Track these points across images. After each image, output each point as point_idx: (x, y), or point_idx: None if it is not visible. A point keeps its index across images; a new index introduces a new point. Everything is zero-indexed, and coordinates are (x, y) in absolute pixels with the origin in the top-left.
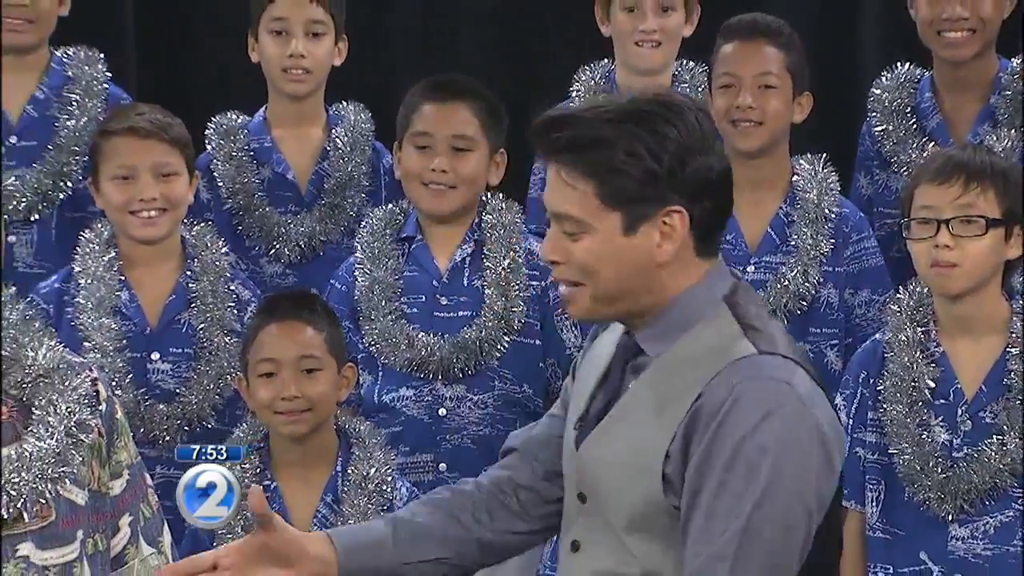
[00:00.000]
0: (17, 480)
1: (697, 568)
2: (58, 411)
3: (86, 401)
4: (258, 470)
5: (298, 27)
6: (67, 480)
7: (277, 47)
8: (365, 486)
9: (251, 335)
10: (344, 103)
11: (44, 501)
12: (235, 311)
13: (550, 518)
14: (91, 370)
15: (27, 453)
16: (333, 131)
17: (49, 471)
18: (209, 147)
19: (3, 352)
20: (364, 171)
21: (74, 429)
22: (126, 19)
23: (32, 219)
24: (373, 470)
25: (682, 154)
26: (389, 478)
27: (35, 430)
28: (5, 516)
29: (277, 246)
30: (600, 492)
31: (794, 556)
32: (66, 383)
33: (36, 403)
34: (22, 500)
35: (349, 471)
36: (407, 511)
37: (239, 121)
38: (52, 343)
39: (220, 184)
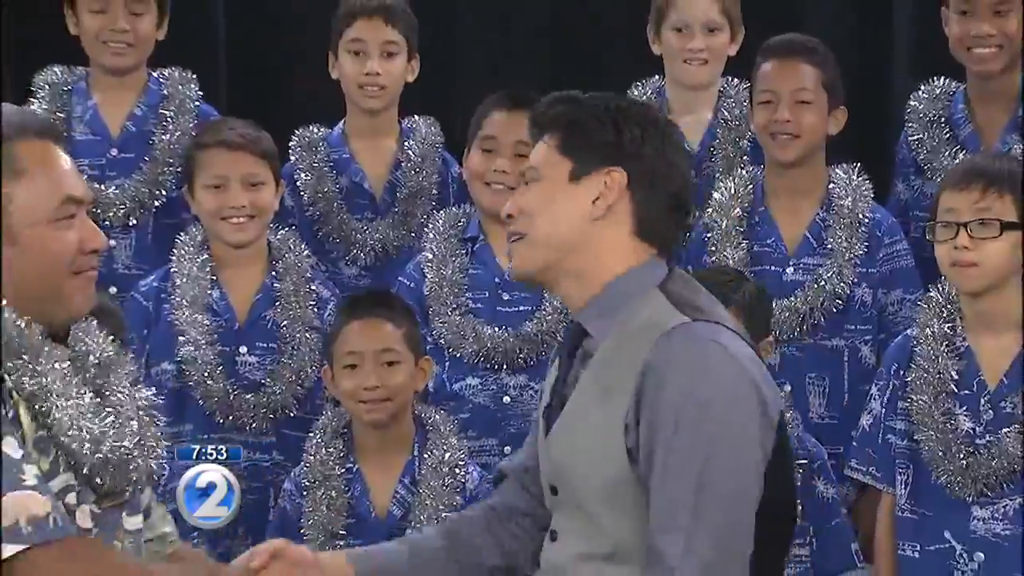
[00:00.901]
0: (138, 451)
1: (659, 524)
2: (127, 393)
3: (138, 386)
4: (342, 454)
5: (374, 47)
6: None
7: (355, 66)
8: (440, 470)
9: (336, 330)
10: (416, 117)
11: (147, 472)
12: (315, 309)
13: None
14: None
15: (130, 428)
16: (406, 143)
17: (146, 444)
18: (292, 158)
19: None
20: (434, 180)
21: (148, 410)
22: (218, 42)
23: (130, 224)
24: (448, 455)
25: (641, 137)
26: (462, 462)
27: (117, 409)
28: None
29: (354, 250)
30: (571, 479)
31: (750, 502)
32: (122, 367)
33: (106, 387)
34: (139, 470)
35: (425, 456)
36: (424, 536)
37: (319, 134)
38: (103, 334)
39: (302, 192)
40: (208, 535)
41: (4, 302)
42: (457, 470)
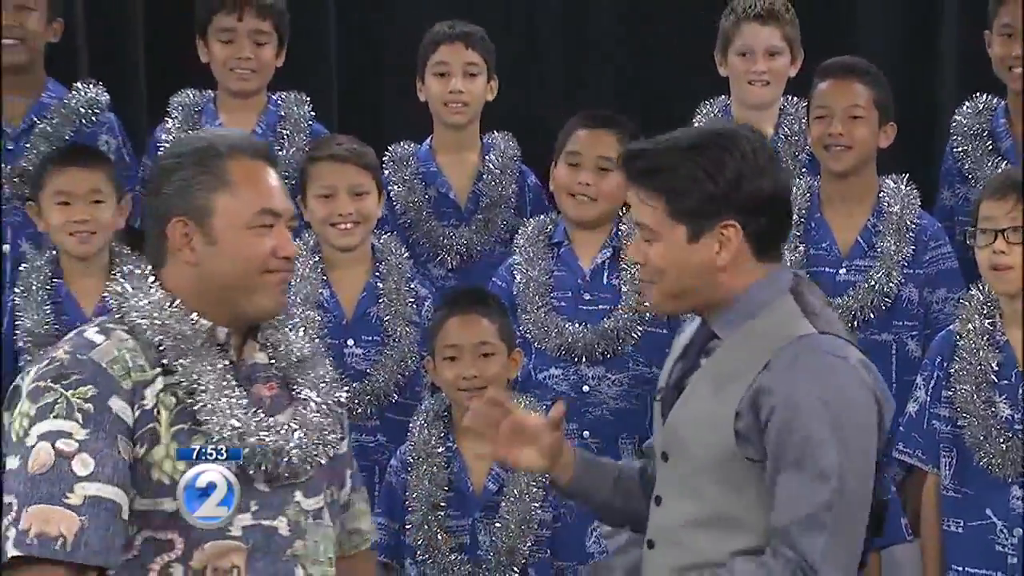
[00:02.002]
0: (298, 442)
1: (796, 519)
2: (318, 390)
3: (334, 384)
4: (442, 435)
5: (457, 68)
6: (331, 445)
7: (440, 86)
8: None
9: (437, 325)
10: (495, 132)
11: (315, 461)
12: (414, 306)
13: None
14: (327, 357)
15: (308, 420)
16: (487, 157)
17: (319, 437)
18: (386, 172)
19: (268, 339)
20: (512, 190)
21: (333, 406)
22: (331, 68)
23: None
24: None
25: (736, 177)
26: None
27: (303, 405)
28: (289, 471)
29: (441, 254)
30: (682, 447)
31: (868, 505)
32: (317, 367)
33: (298, 383)
34: (305, 458)
35: None
36: (628, 465)
37: (409, 149)
38: (304, 335)
39: (395, 203)
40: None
41: (177, 301)
42: None
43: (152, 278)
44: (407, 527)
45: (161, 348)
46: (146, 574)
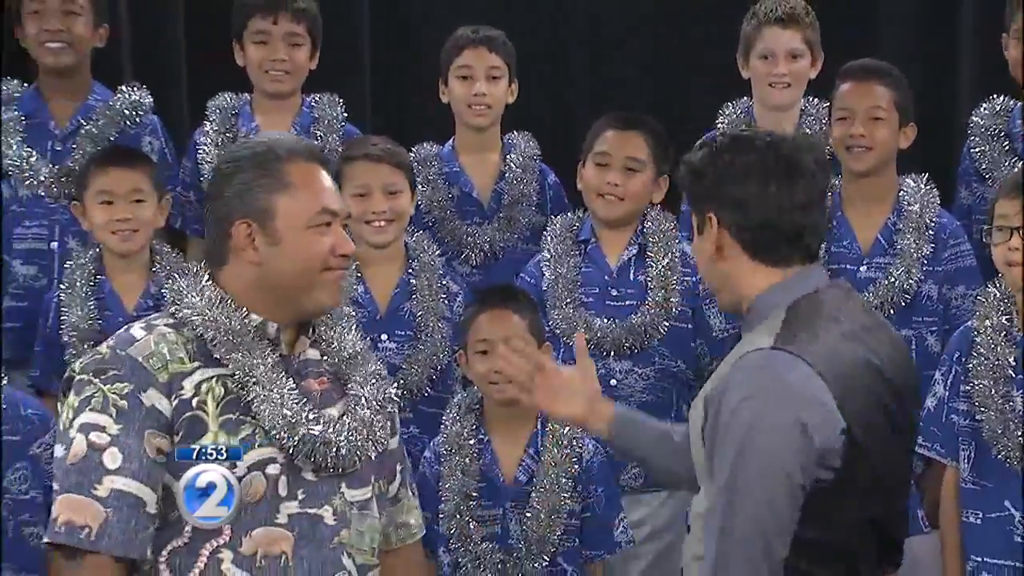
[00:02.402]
0: (347, 435)
1: (707, 520)
2: (368, 386)
3: (384, 381)
4: (474, 427)
5: (480, 72)
6: (379, 440)
7: (463, 89)
8: (560, 442)
9: (469, 320)
10: (515, 133)
11: (364, 454)
12: (446, 301)
13: None
14: (375, 357)
15: (358, 415)
16: (508, 156)
17: (368, 432)
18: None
19: (321, 336)
20: (533, 188)
21: (383, 402)
22: (364, 70)
23: None
24: (567, 429)
25: (723, 175)
26: (579, 435)
27: (353, 400)
28: (336, 462)
29: (465, 251)
30: (692, 446)
31: (778, 516)
32: (368, 364)
33: (349, 379)
34: (353, 450)
35: (547, 429)
36: (671, 427)
37: (433, 150)
38: (355, 333)
39: (419, 202)
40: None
41: (228, 298)
42: (575, 442)
43: (207, 277)
44: (440, 517)
45: (211, 342)
46: (195, 560)
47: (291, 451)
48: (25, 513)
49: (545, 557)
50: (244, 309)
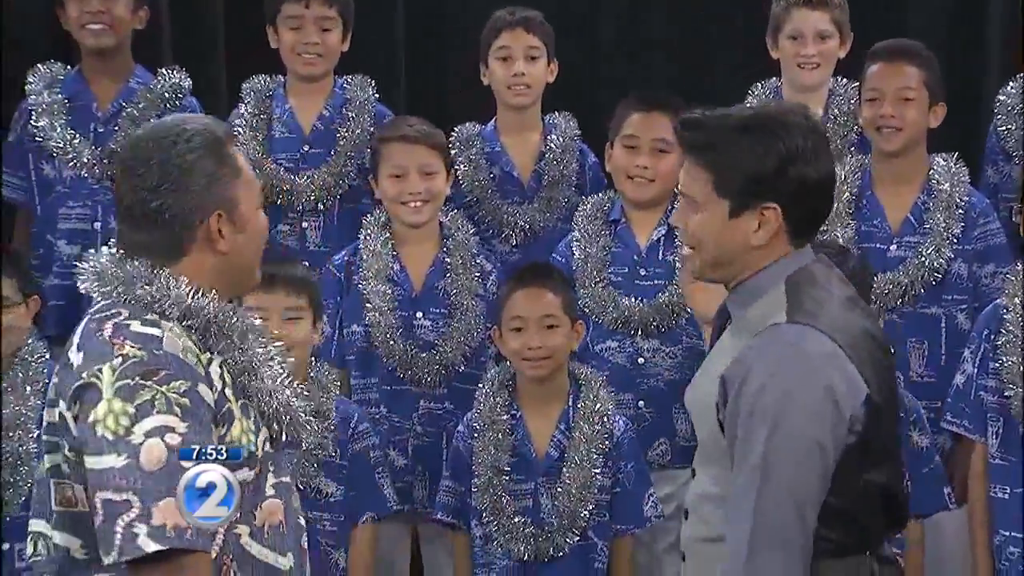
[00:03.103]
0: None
1: (733, 503)
2: (276, 359)
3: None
4: (507, 403)
5: (519, 52)
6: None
7: (503, 70)
8: (591, 418)
9: (504, 297)
10: (556, 113)
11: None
12: (480, 279)
13: None
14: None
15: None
16: (548, 137)
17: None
18: (452, 151)
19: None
20: (573, 169)
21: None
22: (396, 51)
23: (319, 209)
24: (598, 406)
25: (783, 162)
26: (610, 412)
27: (273, 377)
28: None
29: (505, 230)
30: (696, 428)
31: (812, 487)
32: (264, 336)
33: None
34: (305, 419)
35: (579, 406)
36: None
37: (475, 130)
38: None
39: (461, 181)
40: (392, 472)
41: (203, 288)
42: (606, 419)
43: (155, 269)
44: (473, 490)
45: (204, 332)
46: (214, 536)
47: (281, 429)
48: None
49: (575, 531)
50: (214, 294)
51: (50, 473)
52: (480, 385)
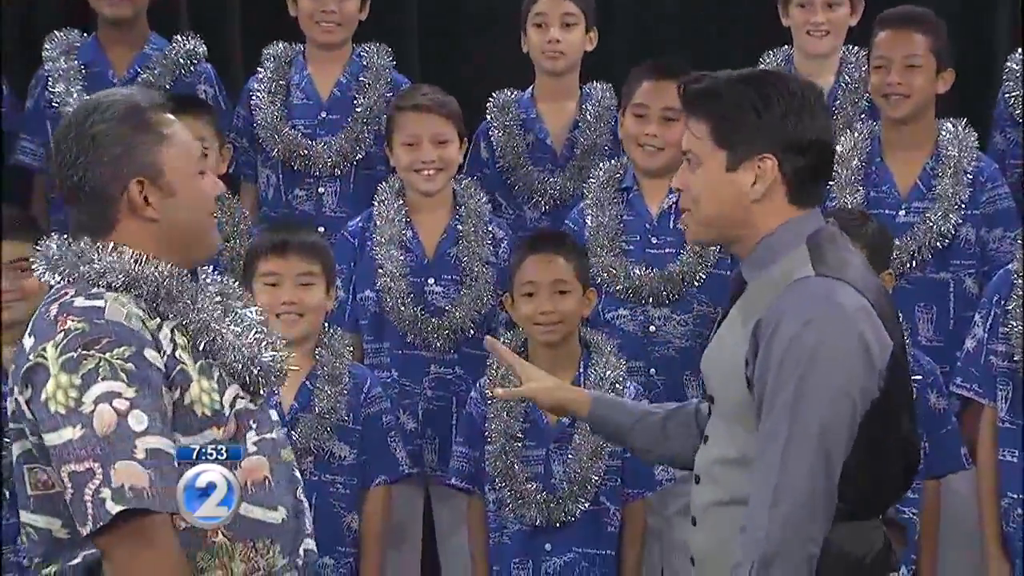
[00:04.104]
0: (276, 358)
1: (758, 447)
2: (253, 315)
3: (254, 306)
4: None
5: (554, 19)
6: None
7: (539, 36)
8: (603, 385)
9: (516, 263)
10: (595, 83)
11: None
12: (492, 247)
13: None
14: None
15: (269, 340)
16: (584, 106)
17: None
18: (488, 117)
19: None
20: (607, 139)
21: (262, 323)
22: (411, 20)
23: (336, 175)
24: (609, 372)
25: (782, 113)
26: (622, 378)
27: (247, 329)
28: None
29: (535, 197)
30: (715, 392)
31: (839, 438)
32: (241, 299)
33: (228, 311)
34: (282, 372)
35: (590, 372)
36: (649, 406)
37: (512, 96)
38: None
39: (495, 147)
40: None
41: (145, 256)
42: (617, 385)
43: (97, 243)
44: (486, 456)
45: (152, 298)
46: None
47: (248, 383)
48: None
49: (587, 497)
50: (161, 260)
51: (21, 460)
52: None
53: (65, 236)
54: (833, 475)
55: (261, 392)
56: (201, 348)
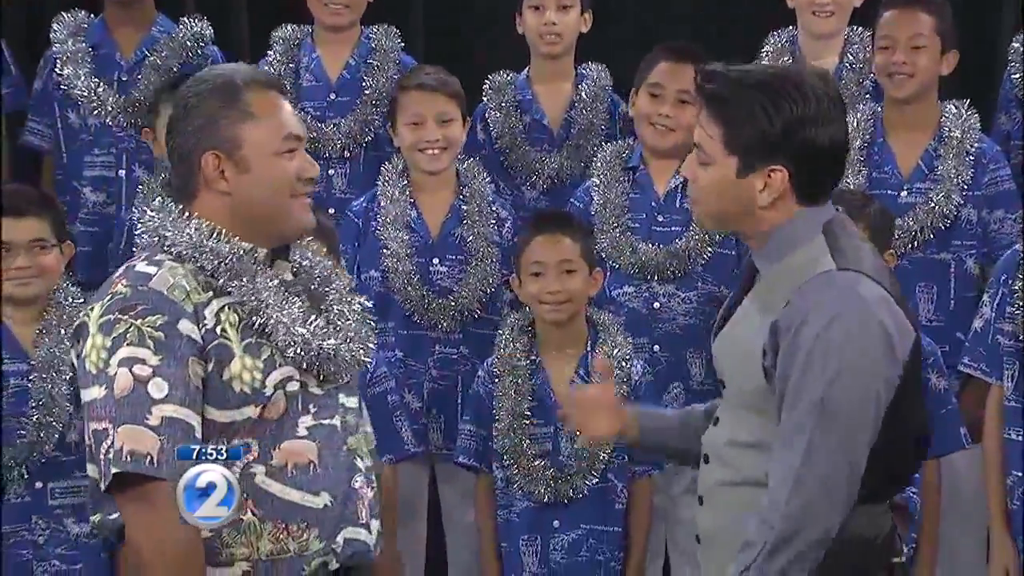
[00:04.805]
0: (348, 347)
1: (782, 439)
2: (344, 302)
3: (355, 294)
4: (527, 348)
5: (551, 2)
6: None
7: (535, 18)
8: (608, 363)
9: (523, 243)
10: (590, 63)
11: (360, 364)
12: (496, 227)
13: None
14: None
15: (348, 328)
16: (580, 86)
17: (361, 342)
18: (485, 99)
19: (299, 261)
20: (603, 118)
21: (361, 314)
22: (417, 3)
23: (345, 157)
24: (616, 351)
25: (794, 124)
26: (628, 357)
27: (336, 315)
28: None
29: (534, 177)
30: (727, 377)
31: (865, 431)
32: (339, 280)
33: (325, 296)
34: (353, 361)
35: (597, 351)
36: (692, 409)
37: (508, 78)
38: (320, 252)
39: (492, 128)
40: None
41: (218, 228)
42: (624, 363)
43: (183, 210)
44: (494, 435)
45: (213, 272)
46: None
47: (306, 367)
48: None
49: (595, 474)
50: (234, 236)
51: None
52: (499, 331)
53: (168, 199)
54: (857, 469)
55: (325, 377)
56: (254, 327)
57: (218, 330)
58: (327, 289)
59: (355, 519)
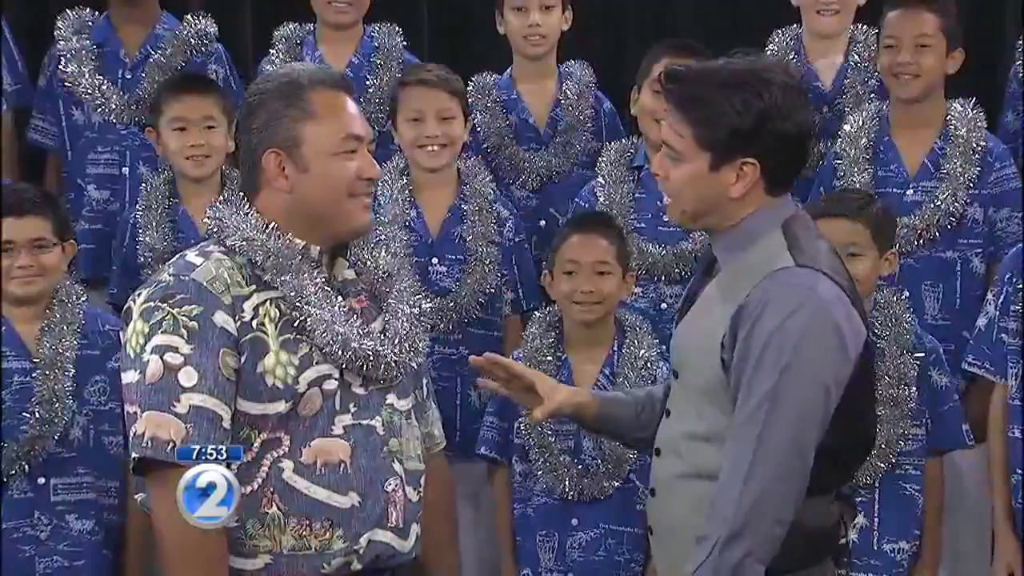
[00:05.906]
0: (392, 348)
1: (734, 431)
2: (404, 302)
3: (418, 296)
4: (552, 345)
5: (533, 3)
6: (420, 352)
7: (519, 20)
8: (636, 364)
9: (560, 241)
10: (572, 61)
11: (408, 366)
12: (496, 226)
13: None
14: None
15: (400, 329)
16: (564, 84)
17: (410, 344)
18: (469, 100)
19: (355, 257)
20: (588, 115)
21: (419, 315)
22: (421, 1)
23: None
24: (643, 351)
25: (762, 119)
26: (654, 357)
27: (392, 315)
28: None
29: (522, 176)
30: (684, 367)
31: (814, 426)
32: (402, 281)
33: (386, 296)
34: (399, 362)
35: (624, 351)
36: (649, 391)
37: (491, 79)
38: (387, 252)
39: (478, 128)
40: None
41: (272, 224)
42: (650, 364)
43: (247, 204)
44: (519, 429)
45: (261, 266)
46: (259, 470)
47: (345, 366)
48: (104, 423)
49: (620, 476)
50: (288, 233)
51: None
52: (528, 324)
53: (241, 193)
54: (807, 461)
55: (369, 377)
56: (294, 324)
57: (255, 323)
58: (389, 288)
59: (384, 522)
